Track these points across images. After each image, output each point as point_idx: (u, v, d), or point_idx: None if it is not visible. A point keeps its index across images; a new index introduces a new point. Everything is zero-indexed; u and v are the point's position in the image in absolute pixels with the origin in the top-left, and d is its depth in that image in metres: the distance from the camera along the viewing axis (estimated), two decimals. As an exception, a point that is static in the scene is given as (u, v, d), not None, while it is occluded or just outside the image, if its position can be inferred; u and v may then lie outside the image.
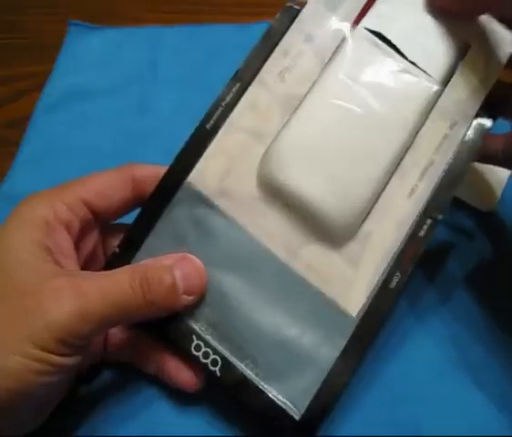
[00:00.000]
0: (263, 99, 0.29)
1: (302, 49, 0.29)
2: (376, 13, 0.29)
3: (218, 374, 0.26)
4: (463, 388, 0.30)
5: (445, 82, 0.28)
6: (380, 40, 0.29)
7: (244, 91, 0.29)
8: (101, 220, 0.29)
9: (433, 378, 0.30)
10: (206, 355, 0.27)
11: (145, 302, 0.25)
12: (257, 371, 0.26)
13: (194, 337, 0.27)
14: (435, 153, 0.28)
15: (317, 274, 0.27)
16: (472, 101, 0.28)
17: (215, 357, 0.27)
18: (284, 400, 0.26)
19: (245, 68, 0.29)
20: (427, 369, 0.30)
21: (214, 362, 0.27)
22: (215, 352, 0.27)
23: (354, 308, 0.27)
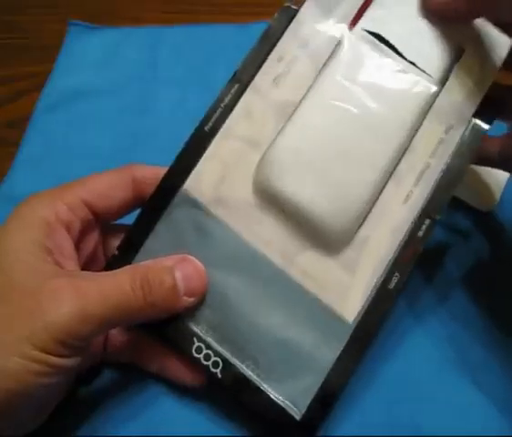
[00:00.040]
0: (258, 107, 0.28)
1: (297, 55, 0.29)
2: (373, 15, 0.29)
3: (219, 376, 0.27)
4: (461, 387, 0.30)
5: (443, 83, 0.28)
6: (378, 41, 0.28)
7: (243, 92, 0.29)
8: (102, 221, 0.29)
9: (431, 377, 0.30)
10: (207, 357, 0.27)
11: (146, 304, 0.25)
12: (258, 372, 0.27)
13: (195, 339, 0.27)
14: (431, 157, 0.28)
15: (313, 280, 0.27)
16: (467, 104, 0.28)
17: (216, 359, 0.27)
18: (285, 400, 0.26)
19: (243, 69, 0.29)
20: (425, 368, 0.30)
21: (215, 364, 0.27)
22: (216, 354, 0.27)
23: (351, 314, 0.27)
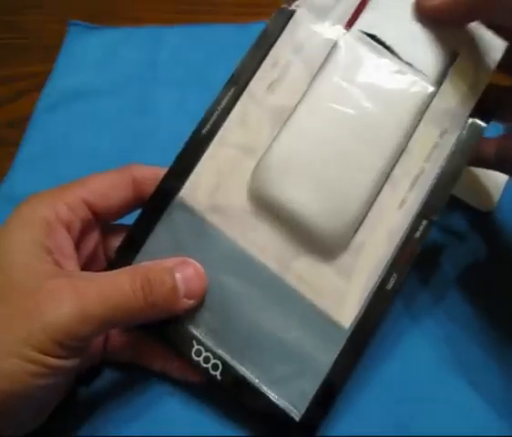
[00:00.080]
0: (253, 114, 0.28)
1: (291, 59, 0.29)
2: (369, 17, 0.29)
3: (219, 378, 0.27)
4: (458, 388, 0.30)
5: (438, 86, 0.28)
6: (374, 42, 0.28)
7: (239, 96, 0.28)
8: (102, 221, 0.29)
9: (428, 378, 0.30)
10: (206, 360, 0.27)
11: (146, 304, 0.25)
12: (257, 375, 0.27)
13: (194, 342, 0.27)
14: (426, 161, 0.28)
15: (309, 286, 0.27)
16: (462, 108, 0.28)
17: (216, 361, 0.27)
18: (284, 401, 0.26)
19: (239, 73, 0.29)
20: (422, 369, 0.30)
21: (215, 367, 0.27)
22: (215, 357, 0.27)
23: (347, 319, 0.27)
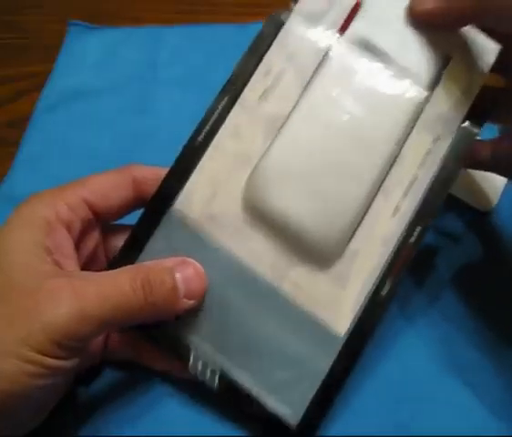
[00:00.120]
0: (246, 123, 0.28)
1: (284, 67, 0.28)
2: (361, 22, 0.28)
3: (216, 385, 0.27)
4: (454, 388, 0.30)
5: (432, 90, 0.28)
6: (367, 47, 0.28)
7: (233, 104, 0.28)
8: (102, 221, 0.29)
9: (423, 378, 0.30)
10: (204, 367, 0.27)
11: (146, 304, 0.25)
12: (254, 381, 0.27)
13: (192, 349, 0.27)
14: (420, 168, 0.27)
15: (304, 294, 0.27)
16: (455, 113, 0.28)
17: (213, 368, 0.27)
18: (282, 407, 0.26)
19: (235, 78, 0.28)
20: (418, 369, 0.30)
21: (212, 373, 0.27)
22: (213, 364, 0.27)
23: (343, 327, 0.27)
